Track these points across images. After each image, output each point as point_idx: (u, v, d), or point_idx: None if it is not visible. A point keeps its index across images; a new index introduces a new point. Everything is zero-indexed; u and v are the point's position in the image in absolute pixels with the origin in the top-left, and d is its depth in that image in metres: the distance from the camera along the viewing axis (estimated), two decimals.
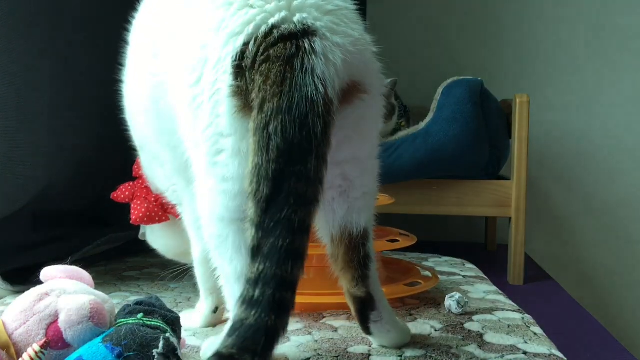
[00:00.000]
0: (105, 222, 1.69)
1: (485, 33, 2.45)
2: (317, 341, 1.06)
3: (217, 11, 0.82)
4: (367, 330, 0.99)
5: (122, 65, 1.09)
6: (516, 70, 2.41)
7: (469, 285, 1.48)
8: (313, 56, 0.75)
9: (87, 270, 0.98)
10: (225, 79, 0.79)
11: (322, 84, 0.74)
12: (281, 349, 1.02)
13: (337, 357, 0.98)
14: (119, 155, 1.25)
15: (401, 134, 1.72)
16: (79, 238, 1.57)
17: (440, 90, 1.73)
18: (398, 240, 1.33)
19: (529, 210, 1.71)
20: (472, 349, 1.02)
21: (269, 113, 0.73)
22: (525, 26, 2.42)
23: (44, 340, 0.80)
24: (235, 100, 0.78)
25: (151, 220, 1.20)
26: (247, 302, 0.71)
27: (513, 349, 1.03)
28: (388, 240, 1.34)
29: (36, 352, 0.77)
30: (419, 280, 1.33)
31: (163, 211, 1.20)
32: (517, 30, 2.43)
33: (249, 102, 0.77)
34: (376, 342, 1.03)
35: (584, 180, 2.38)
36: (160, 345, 0.80)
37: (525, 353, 1.01)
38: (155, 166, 1.12)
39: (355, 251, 0.94)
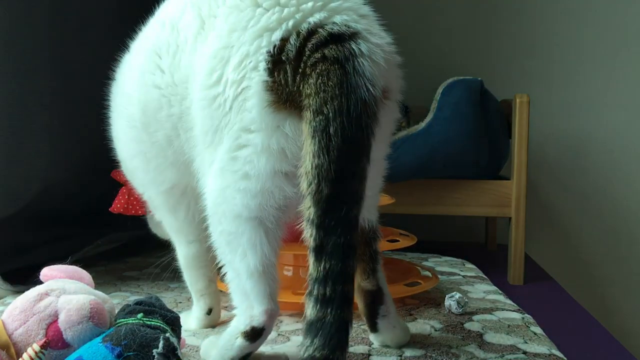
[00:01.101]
0: (105, 222, 1.69)
1: (485, 33, 2.45)
2: None
3: (241, 13, 0.82)
4: (374, 327, 1.00)
5: (111, 81, 1.08)
6: (516, 70, 2.40)
7: (469, 285, 1.48)
8: (362, 58, 0.77)
9: (87, 270, 0.98)
10: (255, 75, 0.79)
11: (371, 84, 0.77)
12: (281, 348, 1.02)
13: None
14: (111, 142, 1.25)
15: (401, 134, 1.72)
16: (79, 238, 1.57)
17: (440, 90, 1.73)
18: (398, 240, 1.33)
19: (529, 210, 1.71)
20: (472, 348, 1.03)
21: (330, 115, 0.75)
22: (526, 26, 2.42)
23: (43, 340, 0.80)
24: (268, 95, 0.79)
25: (127, 211, 1.24)
26: (321, 300, 0.76)
27: (513, 348, 1.03)
28: (388, 240, 1.33)
29: (36, 352, 0.77)
30: (419, 280, 1.33)
31: (140, 206, 1.22)
32: (517, 30, 2.43)
33: (284, 97, 0.78)
34: (379, 340, 1.03)
35: (584, 180, 2.38)
36: (160, 345, 0.80)
37: (525, 353, 1.01)
38: (133, 176, 1.12)
39: (367, 245, 0.98)
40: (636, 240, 2.35)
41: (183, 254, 1.11)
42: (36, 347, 0.78)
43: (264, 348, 1.02)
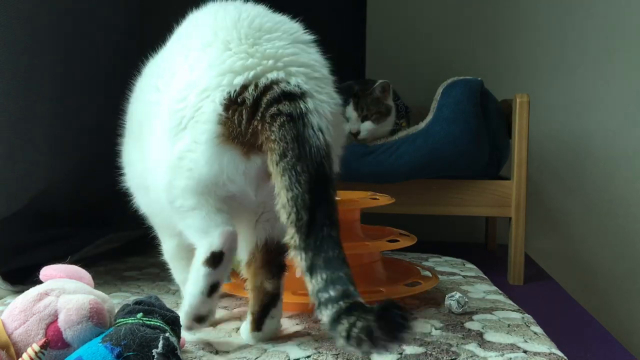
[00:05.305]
0: (105, 222, 1.69)
1: (485, 33, 2.45)
2: (317, 340, 1.06)
3: (213, 51, 0.95)
4: (259, 327, 1.05)
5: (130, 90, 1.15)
6: (516, 70, 2.41)
7: (469, 285, 1.48)
8: (310, 115, 0.91)
9: (87, 270, 0.98)
10: (212, 105, 0.91)
11: (321, 133, 0.91)
12: (282, 347, 1.02)
13: (337, 354, 0.98)
14: (119, 155, 1.25)
15: (401, 134, 1.73)
16: (79, 238, 1.57)
17: (440, 90, 1.73)
18: (398, 240, 1.33)
19: (529, 210, 1.71)
20: (472, 347, 1.03)
21: (293, 158, 0.88)
22: (526, 26, 2.42)
23: (43, 340, 0.80)
24: (219, 128, 0.91)
25: None
26: (330, 302, 0.83)
27: (513, 347, 1.03)
28: (388, 240, 1.33)
29: (36, 352, 0.77)
30: (419, 280, 1.33)
31: None
32: (517, 30, 2.43)
33: (233, 134, 0.91)
34: (257, 338, 1.05)
35: (584, 179, 2.38)
36: (160, 345, 0.80)
37: (525, 352, 1.01)
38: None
39: (276, 253, 1.04)
40: (636, 240, 2.35)
41: (166, 247, 1.19)
42: (36, 347, 0.78)
43: (265, 346, 1.02)
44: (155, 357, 0.79)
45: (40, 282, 0.92)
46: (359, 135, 1.73)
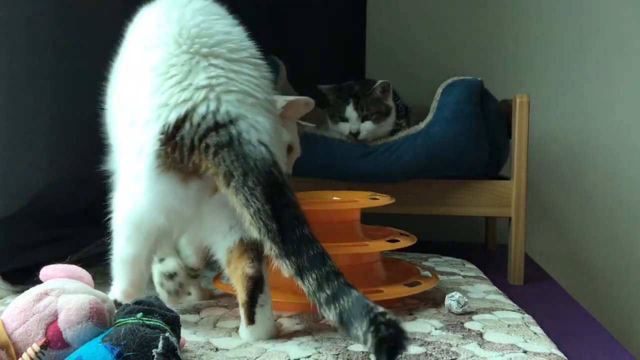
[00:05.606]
0: (105, 222, 1.69)
1: (485, 33, 2.45)
2: (317, 340, 1.06)
3: (155, 72, 0.98)
4: (252, 317, 1.05)
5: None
6: (516, 70, 2.40)
7: (469, 285, 1.48)
8: (245, 133, 0.95)
9: (87, 270, 0.98)
10: (151, 141, 0.96)
11: (262, 145, 0.95)
12: (282, 346, 1.02)
13: (337, 354, 0.98)
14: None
15: (401, 134, 1.72)
16: (79, 238, 1.57)
17: (440, 90, 1.73)
18: (398, 240, 1.33)
19: (529, 210, 1.71)
20: (472, 347, 1.03)
21: (241, 176, 0.93)
22: (525, 26, 2.42)
23: (43, 340, 0.80)
24: (158, 161, 0.96)
25: None
26: (330, 300, 0.88)
27: (513, 347, 1.03)
28: (388, 240, 1.34)
29: (36, 352, 0.77)
30: (419, 280, 1.33)
31: None
32: (517, 30, 2.43)
33: (173, 164, 0.95)
34: (255, 334, 1.06)
35: (583, 180, 2.38)
36: (160, 344, 0.80)
37: (525, 352, 1.01)
38: None
39: (252, 242, 1.04)
40: (636, 240, 2.35)
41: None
42: (36, 347, 0.78)
43: (265, 345, 1.02)
44: (155, 357, 0.79)
45: (40, 282, 0.91)
46: (359, 135, 1.73)
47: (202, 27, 1.02)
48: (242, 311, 1.07)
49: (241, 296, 1.06)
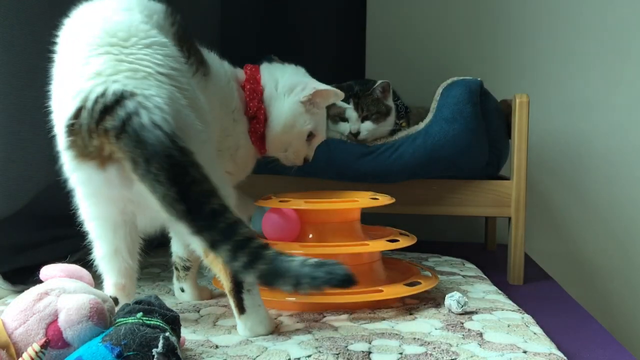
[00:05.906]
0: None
1: (484, 33, 2.45)
2: (317, 339, 1.06)
3: (60, 74, 1.04)
4: (241, 304, 1.07)
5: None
6: (516, 70, 2.41)
7: (468, 285, 1.48)
8: (135, 116, 0.92)
9: (87, 270, 0.98)
10: (63, 134, 0.99)
11: (156, 126, 0.92)
12: (282, 345, 1.02)
13: (337, 354, 0.98)
14: None
15: (401, 134, 1.72)
16: (79, 238, 1.57)
17: (440, 90, 1.73)
18: (398, 240, 1.33)
19: (529, 210, 1.71)
20: (472, 347, 1.03)
21: (143, 164, 0.91)
22: (525, 26, 2.42)
23: (43, 339, 0.80)
24: (70, 152, 0.99)
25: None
26: (248, 266, 0.91)
27: (513, 347, 1.03)
28: (388, 240, 1.34)
29: (36, 352, 0.77)
30: (419, 280, 1.33)
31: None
32: (516, 30, 2.43)
33: (83, 152, 0.97)
34: (248, 326, 1.07)
35: (583, 180, 2.38)
36: (160, 344, 0.80)
37: (525, 352, 1.01)
38: None
39: None
40: (636, 240, 2.35)
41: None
42: (36, 346, 0.78)
43: (265, 344, 1.02)
44: (156, 356, 0.79)
45: (40, 282, 0.92)
46: (359, 135, 1.73)
47: (104, 21, 1.04)
48: (231, 301, 1.07)
49: (226, 284, 1.06)
